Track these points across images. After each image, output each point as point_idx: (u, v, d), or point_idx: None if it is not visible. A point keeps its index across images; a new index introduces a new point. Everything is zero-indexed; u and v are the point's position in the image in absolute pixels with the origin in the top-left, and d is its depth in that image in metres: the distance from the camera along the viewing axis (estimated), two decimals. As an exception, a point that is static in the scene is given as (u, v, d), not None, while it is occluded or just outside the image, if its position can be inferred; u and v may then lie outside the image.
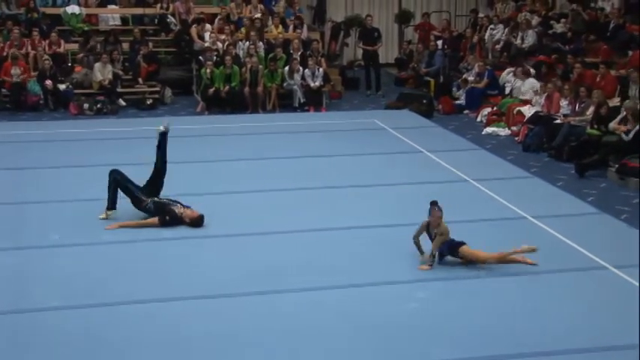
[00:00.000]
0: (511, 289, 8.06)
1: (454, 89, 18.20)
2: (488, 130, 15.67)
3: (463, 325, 7.22)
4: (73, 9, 19.16)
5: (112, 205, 9.98)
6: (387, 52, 23.23)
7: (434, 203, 8.53)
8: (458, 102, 17.78)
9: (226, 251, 9.02)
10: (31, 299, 7.70)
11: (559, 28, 18.85)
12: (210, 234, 9.52)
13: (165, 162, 10.06)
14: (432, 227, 8.53)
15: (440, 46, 20.45)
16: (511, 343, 6.91)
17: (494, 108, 16.58)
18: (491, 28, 19.90)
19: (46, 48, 17.89)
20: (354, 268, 8.52)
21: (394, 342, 6.93)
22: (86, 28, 19.09)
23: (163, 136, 10.08)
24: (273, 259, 8.71)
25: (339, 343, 6.90)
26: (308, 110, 17.48)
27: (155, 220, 9.69)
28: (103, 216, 9.92)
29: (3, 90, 17.07)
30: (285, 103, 17.72)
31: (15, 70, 16.79)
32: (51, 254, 8.86)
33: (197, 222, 9.70)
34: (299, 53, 18.17)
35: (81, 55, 17.91)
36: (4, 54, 17.46)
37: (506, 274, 8.37)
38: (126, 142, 13.83)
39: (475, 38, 19.96)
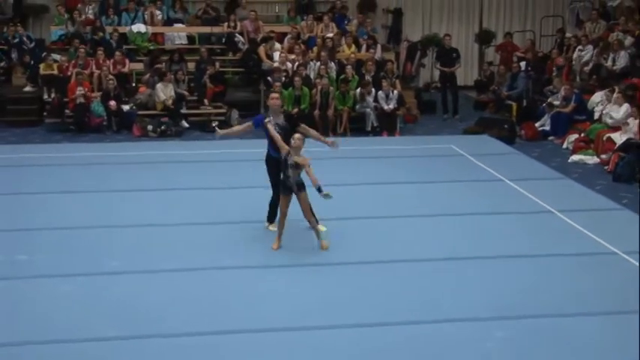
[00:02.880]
0: (594, 328, 7.65)
1: (545, 117, 17.25)
2: (575, 157, 15.20)
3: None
4: (138, 27, 19.29)
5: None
6: (466, 73, 22.74)
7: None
8: (542, 128, 17.28)
9: (294, 281, 8.79)
10: (88, 328, 7.55)
11: (654, 48, 17.99)
12: (275, 264, 9.27)
13: None
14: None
15: (523, 68, 19.87)
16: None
17: (582, 134, 16.08)
18: (579, 49, 19.22)
19: (111, 68, 17.76)
20: (428, 302, 8.22)
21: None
22: (152, 47, 19.15)
23: None
24: (340, 291, 8.46)
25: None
26: (381, 135, 17.20)
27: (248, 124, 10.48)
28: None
29: (66, 111, 16.96)
30: (356, 127, 17.49)
31: (80, 91, 16.60)
32: (108, 281, 8.69)
33: None
34: (372, 74, 17.82)
35: (147, 76, 17.60)
36: (69, 73, 17.36)
37: (590, 313, 7.94)
38: (190, 166, 13.78)
39: (562, 60, 19.10)
